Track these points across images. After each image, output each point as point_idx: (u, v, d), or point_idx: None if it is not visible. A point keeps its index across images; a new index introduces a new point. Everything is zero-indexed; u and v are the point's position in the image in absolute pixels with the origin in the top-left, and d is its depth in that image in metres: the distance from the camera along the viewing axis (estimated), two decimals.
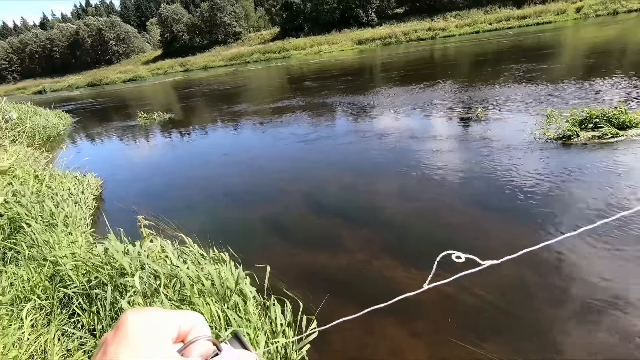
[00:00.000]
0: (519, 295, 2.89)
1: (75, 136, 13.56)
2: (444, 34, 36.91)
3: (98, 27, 64.46)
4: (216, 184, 6.34)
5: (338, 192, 5.27)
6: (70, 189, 5.72)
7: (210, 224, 4.82)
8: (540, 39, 21.70)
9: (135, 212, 5.36)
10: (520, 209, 3.99)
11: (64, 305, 2.59)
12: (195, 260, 3.15)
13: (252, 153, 7.88)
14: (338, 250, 3.87)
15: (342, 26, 46.86)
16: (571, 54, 15.04)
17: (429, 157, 5.84)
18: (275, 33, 54.26)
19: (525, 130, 6.26)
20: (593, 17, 31.64)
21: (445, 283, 1.71)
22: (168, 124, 12.67)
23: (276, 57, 43.07)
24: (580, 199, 4.01)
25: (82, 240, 3.80)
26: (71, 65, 67.30)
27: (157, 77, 46.42)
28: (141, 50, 67.36)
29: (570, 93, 8.16)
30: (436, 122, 7.78)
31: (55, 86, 53.47)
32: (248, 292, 2.68)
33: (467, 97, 9.47)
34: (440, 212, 4.26)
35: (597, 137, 5.44)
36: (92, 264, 2.81)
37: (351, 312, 2.96)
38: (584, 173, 4.57)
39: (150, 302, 2.29)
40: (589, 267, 3.04)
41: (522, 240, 3.51)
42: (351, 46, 40.49)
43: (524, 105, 7.81)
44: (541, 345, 2.43)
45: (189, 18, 59.66)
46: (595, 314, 2.59)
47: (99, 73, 57.78)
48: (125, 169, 8.43)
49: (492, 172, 4.92)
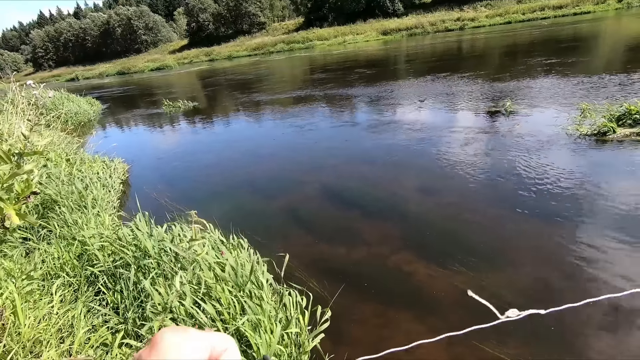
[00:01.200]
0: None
1: (105, 122, 14.06)
2: (473, 24, 35.58)
3: (128, 16, 66.14)
4: (237, 172, 6.43)
5: (358, 184, 5.22)
6: (99, 173, 5.95)
7: (231, 210, 4.90)
8: (577, 30, 20.55)
9: (160, 197, 5.53)
10: (546, 212, 3.84)
11: (91, 283, 2.71)
12: (215, 246, 3.22)
13: (274, 142, 7.92)
14: (356, 243, 3.85)
15: (367, 16, 46.00)
16: (610, 46, 14.16)
17: (453, 152, 5.69)
18: (300, 23, 53.95)
19: (556, 126, 5.97)
20: (637, 6, 29.58)
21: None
22: (192, 112, 12.91)
23: (300, 48, 42.90)
24: (613, 202, 3.80)
25: (109, 221, 3.95)
26: (102, 54, 69.58)
27: (183, 66, 47.28)
28: (168, 39, 68.72)
29: (606, 87, 7.71)
30: (462, 116, 7.56)
31: (87, 74, 55.54)
32: (264, 280, 2.72)
33: (495, 90, 9.12)
34: (462, 210, 4.15)
35: (636, 134, 5.13)
36: (118, 245, 2.92)
37: (368, 306, 2.96)
38: (620, 173, 4.33)
39: (169, 284, 2.36)
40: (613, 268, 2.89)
41: (547, 248, 3.37)
42: (376, 37, 39.74)
43: (555, 100, 7.45)
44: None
45: (215, 8, 60.21)
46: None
47: (128, 62, 59.51)
48: (151, 155, 8.67)
49: (518, 171, 4.74)
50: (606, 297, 2.64)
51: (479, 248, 3.43)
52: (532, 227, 3.64)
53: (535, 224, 3.68)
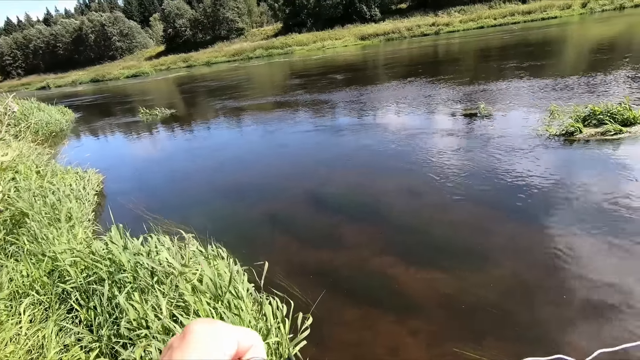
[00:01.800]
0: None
1: (78, 132, 13.61)
2: (448, 29, 36.57)
3: (101, 22, 64.47)
4: (217, 180, 6.34)
5: (339, 189, 5.25)
6: (72, 185, 5.75)
7: (211, 220, 4.82)
8: (545, 34, 21.45)
9: (136, 207, 5.39)
10: (521, 209, 3.97)
11: (62, 301, 2.61)
12: (193, 257, 3.16)
13: (254, 149, 7.87)
14: (339, 248, 3.87)
15: (345, 21, 46.53)
16: (576, 50, 14.86)
17: (431, 154, 5.81)
18: (278, 28, 53.99)
19: (527, 127, 6.20)
20: (599, 11, 31.20)
21: None
22: (170, 120, 12.68)
23: (279, 53, 42.91)
24: (577, 197, 3.97)
25: (82, 235, 3.82)
26: (75, 61, 67.44)
27: (160, 72, 46.43)
28: (144, 46, 67.34)
29: (573, 89, 8.07)
30: (439, 119, 7.73)
31: (59, 82, 53.68)
32: (243, 289, 2.69)
33: (470, 93, 9.39)
34: (441, 210, 4.24)
35: (601, 134, 5.39)
36: (91, 260, 2.82)
37: (349, 310, 2.97)
38: (587, 170, 4.53)
39: (145, 298, 2.30)
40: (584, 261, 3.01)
41: (521, 242, 3.49)
42: (354, 42, 40.24)
43: (526, 101, 7.74)
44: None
45: (192, 13, 59.51)
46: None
47: (102, 69, 57.91)
48: (127, 164, 8.45)
49: (493, 170, 4.88)
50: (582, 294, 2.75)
51: (457, 248, 3.51)
52: (507, 224, 3.76)
53: (510, 221, 3.79)
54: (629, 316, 2.48)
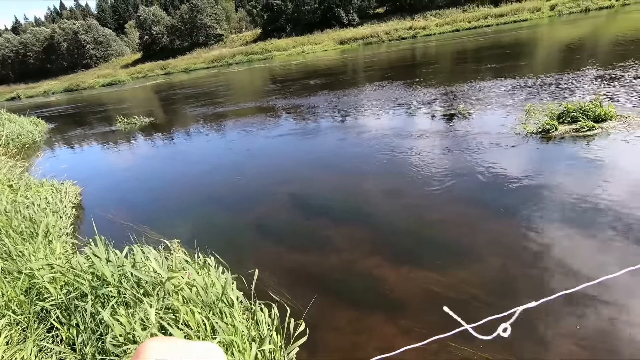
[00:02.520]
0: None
1: (52, 143, 13.13)
2: (425, 32, 37.44)
3: (74, 30, 62.67)
4: (200, 189, 6.23)
5: (324, 193, 5.25)
6: (48, 198, 5.52)
7: (196, 229, 4.72)
8: (517, 36, 22.24)
9: (117, 219, 5.23)
10: (502, 206, 4.06)
11: (42, 320, 2.49)
12: (180, 267, 3.07)
13: (236, 156, 7.79)
14: (326, 251, 3.85)
15: (324, 26, 46.92)
16: (547, 50, 15.45)
17: (413, 155, 5.89)
18: (257, 34, 53.91)
19: (506, 125, 6.38)
20: (566, 14, 32.64)
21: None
22: (149, 128, 12.41)
23: (259, 59, 42.82)
24: (554, 192, 4.10)
25: (61, 250, 3.66)
26: (46, 71, 65.23)
27: (138, 80, 45.48)
28: (120, 53, 65.85)
29: (547, 88, 8.37)
30: (420, 120, 7.86)
31: (30, 92, 51.77)
32: (234, 297, 2.63)
33: (449, 94, 9.60)
34: (424, 210, 4.29)
35: (575, 131, 5.59)
36: (72, 275, 2.70)
37: (341, 313, 2.95)
38: (563, 166, 4.69)
39: (132, 312, 2.22)
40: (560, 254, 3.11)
41: (504, 238, 3.56)
42: (334, 46, 40.60)
43: (504, 101, 7.97)
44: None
45: (169, 20, 58.70)
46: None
47: (77, 78, 56.24)
48: (106, 175, 8.20)
49: (474, 170, 4.99)
50: (560, 294, 2.82)
51: (442, 246, 3.56)
52: (491, 221, 3.83)
53: (492, 218, 3.87)
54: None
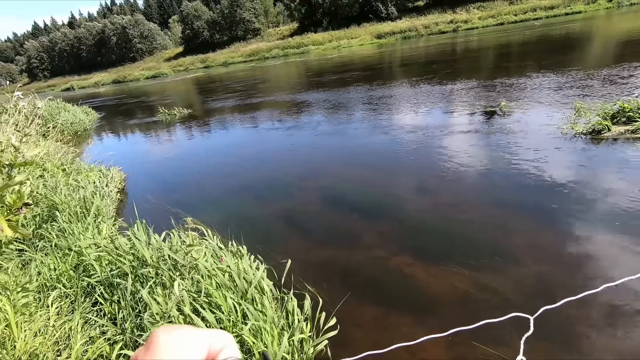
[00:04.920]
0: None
1: (101, 131, 14.02)
2: (467, 26, 35.87)
3: (123, 25, 66.26)
4: (235, 179, 6.40)
5: (356, 188, 5.21)
6: (95, 182, 5.91)
7: (230, 218, 4.87)
8: (569, 29, 20.75)
9: (157, 204, 5.50)
10: (544, 210, 3.84)
11: (88, 294, 2.68)
12: (214, 253, 3.19)
13: (271, 148, 7.91)
14: (357, 247, 3.83)
15: (361, 20, 46.27)
16: (602, 45, 14.30)
17: (450, 153, 5.69)
18: (294, 28, 54.20)
19: (551, 125, 6.00)
20: (627, 5, 29.94)
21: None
22: (188, 119, 12.90)
23: (295, 53, 43.07)
24: (603, 198, 3.80)
25: (107, 231, 3.91)
26: (97, 63, 69.60)
27: (179, 73, 47.36)
28: (163, 47, 68.85)
29: (600, 86, 7.76)
30: (459, 117, 7.58)
31: (83, 83, 55.50)
32: (265, 285, 2.69)
33: (490, 90, 9.17)
34: (459, 210, 4.14)
35: (631, 132, 5.15)
36: (115, 255, 2.88)
37: (369, 309, 2.93)
38: (615, 171, 4.34)
39: (168, 292, 2.33)
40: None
41: (544, 246, 3.37)
42: (370, 40, 39.97)
43: (550, 99, 7.49)
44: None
45: (210, 15, 60.45)
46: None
47: (124, 70, 59.56)
48: (148, 163, 8.64)
49: (516, 170, 4.74)
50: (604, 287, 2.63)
51: (477, 247, 3.42)
52: (530, 225, 3.63)
53: (533, 222, 3.67)
54: None
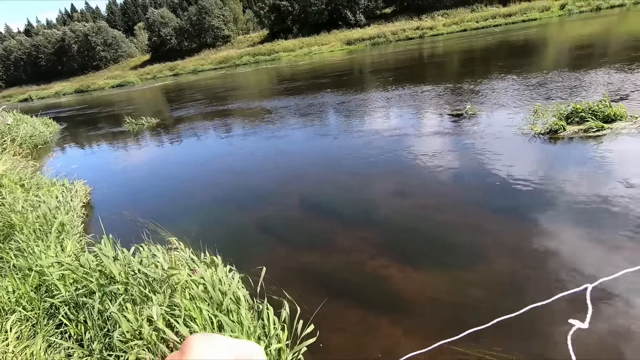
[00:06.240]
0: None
1: (63, 143, 13.35)
2: (432, 32, 37.18)
3: (84, 32, 63.63)
4: (207, 188, 6.28)
5: (331, 193, 5.25)
6: (58, 197, 5.62)
7: (203, 227, 4.76)
8: (526, 35, 21.98)
9: (126, 218, 5.29)
10: (511, 208, 4.02)
11: (51, 316, 2.53)
12: (187, 265, 3.11)
13: (243, 155, 7.83)
14: (333, 251, 3.85)
15: (330, 27, 46.88)
16: (556, 50, 15.25)
17: (420, 156, 5.86)
18: (264, 35, 54.10)
19: (513, 126, 6.31)
20: (577, 13, 32.14)
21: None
22: (157, 129, 12.54)
23: (266, 60, 42.97)
24: (562, 194, 4.05)
25: (71, 248, 3.72)
26: (58, 72, 66.32)
27: (146, 81, 46.00)
28: (129, 55, 66.67)
29: (556, 88, 8.27)
30: (427, 121, 7.82)
31: (42, 93, 52.65)
32: (241, 295, 2.65)
33: (456, 94, 9.54)
34: (430, 211, 4.27)
35: (583, 131, 5.52)
36: (80, 272, 2.75)
37: (347, 313, 2.95)
38: (569, 167, 4.63)
39: (139, 308, 2.25)
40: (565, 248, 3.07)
41: (511, 239, 3.53)
42: (340, 47, 40.56)
43: (511, 101, 7.90)
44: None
45: (177, 22, 59.26)
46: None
47: (87, 79, 57.12)
48: (115, 175, 8.31)
49: (480, 171, 4.95)
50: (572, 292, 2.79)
51: (449, 247, 3.54)
52: (497, 222, 3.80)
53: (499, 219, 3.84)
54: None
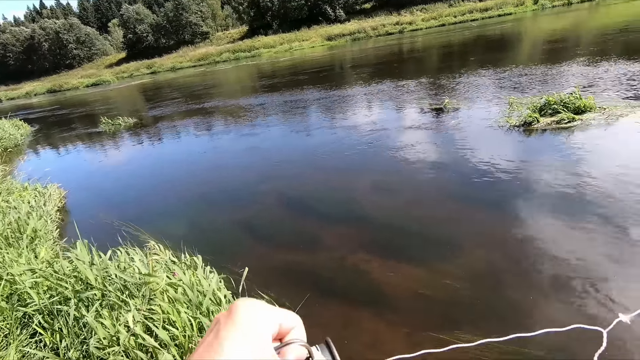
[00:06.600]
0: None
1: (36, 146, 12.86)
2: (411, 27, 37.56)
3: (55, 30, 61.17)
4: (186, 188, 6.18)
5: (311, 190, 5.26)
6: (31, 202, 5.42)
7: (182, 228, 4.69)
8: (502, 30, 22.47)
9: (102, 221, 5.16)
10: (489, 199, 4.13)
11: (24, 325, 2.45)
12: (167, 268, 3.06)
13: (222, 154, 7.74)
14: (315, 248, 3.87)
15: (310, 23, 46.69)
16: (530, 44, 15.67)
17: (400, 151, 5.93)
18: (244, 31, 53.38)
19: (489, 119, 6.46)
20: (550, 7, 33.09)
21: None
22: (134, 129, 12.24)
23: (246, 56, 42.46)
24: (537, 183, 4.19)
25: (45, 254, 3.60)
26: (28, 72, 63.60)
27: (123, 80, 44.75)
28: (104, 53, 64.56)
29: (530, 81, 8.50)
30: (406, 115, 7.91)
31: (11, 94, 50.49)
32: (222, 296, 2.63)
33: (435, 88, 9.68)
34: (412, 205, 4.34)
35: (556, 122, 5.70)
36: (55, 279, 2.67)
37: (330, 308, 2.98)
38: (542, 157, 4.79)
39: (117, 314, 2.20)
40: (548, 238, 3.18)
41: (489, 229, 3.63)
42: (321, 42, 40.47)
43: (488, 94, 8.08)
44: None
45: (153, 18, 57.72)
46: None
47: (60, 78, 55.08)
48: (91, 177, 8.07)
49: (459, 164, 5.05)
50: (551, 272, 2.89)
51: (429, 240, 3.61)
52: (476, 214, 3.90)
53: (477, 211, 3.94)
54: (587, 292, 2.64)
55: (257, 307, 0.38)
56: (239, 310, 0.36)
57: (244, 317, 0.36)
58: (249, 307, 0.37)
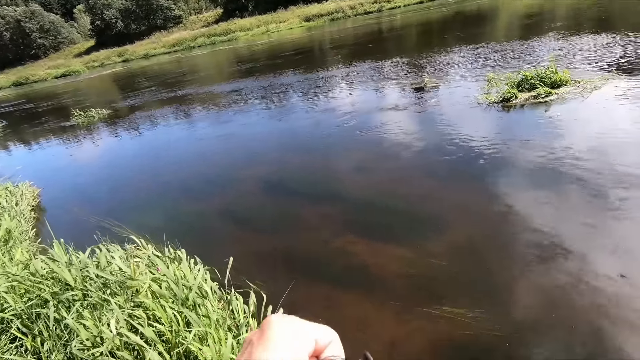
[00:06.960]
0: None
1: (5, 143, 12.26)
2: (390, 5, 36.98)
3: (15, 18, 57.54)
4: (165, 180, 6.04)
5: (292, 173, 5.21)
6: (2, 202, 5.19)
7: (164, 222, 4.60)
8: (479, 5, 22.42)
9: (80, 218, 5.00)
10: (471, 175, 4.18)
11: (3, 331, 2.37)
12: (149, 262, 2.99)
13: (200, 142, 7.56)
14: (299, 232, 3.87)
15: (287, 3, 45.38)
16: (507, 20, 15.71)
17: (381, 130, 5.92)
18: (219, 14, 51.48)
19: (469, 96, 6.50)
20: None
21: None
22: (108, 121, 11.80)
23: (222, 40, 41.14)
24: (516, 157, 4.26)
25: (21, 256, 3.47)
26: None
27: (94, 70, 42.86)
28: (71, 41, 61.33)
29: (508, 56, 8.55)
30: (387, 95, 7.87)
31: None
32: (208, 288, 2.60)
33: (415, 67, 9.63)
34: (394, 184, 4.36)
35: (533, 97, 5.78)
36: (31, 282, 2.57)
37: (317, 293, 2.99)
38: (521, 132, 4.87)
39: (99, 314, 2.15)
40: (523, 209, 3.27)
41: (472, 205, 3.69)
42: (299, 24, 39.50)
43: (467, 71, 8.09)
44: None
45: (122, 3, 54.92)
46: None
47: (25, 70, 52.25)
48: (65, 173, 7.78)
49: (440, 142, 5.08)
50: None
51: (413, 218, 3.65)
52: (458, 190, 3.95)
53: (459, 187, 3.99)
54: (569, 256, 2.74)
55: (290, 324, 0.36)
56: (272, 328, 0.35)
57: (277, 336, 0.34)
58: (282, 324, 0.36)
